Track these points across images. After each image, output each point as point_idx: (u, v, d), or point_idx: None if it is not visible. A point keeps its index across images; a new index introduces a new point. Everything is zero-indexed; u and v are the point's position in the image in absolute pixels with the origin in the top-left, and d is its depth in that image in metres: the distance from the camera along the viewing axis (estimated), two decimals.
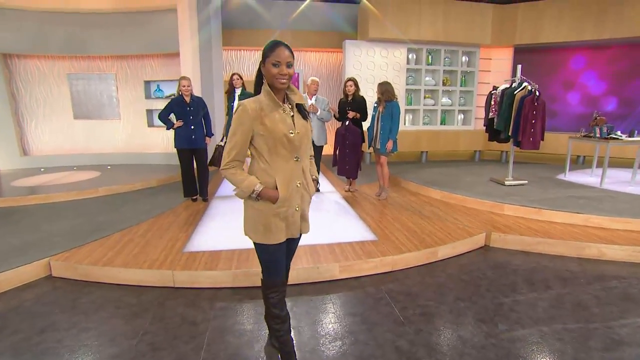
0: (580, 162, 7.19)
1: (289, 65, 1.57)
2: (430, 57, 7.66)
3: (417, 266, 3.12)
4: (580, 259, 3.29)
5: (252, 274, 2.79)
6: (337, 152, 4.94)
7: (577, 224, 3.77)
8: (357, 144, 4.80)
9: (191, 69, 6.03)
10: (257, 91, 1.65)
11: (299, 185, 1.68)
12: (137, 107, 7.03)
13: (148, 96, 6.96)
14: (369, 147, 4.89)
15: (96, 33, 6.39)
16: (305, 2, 7.59)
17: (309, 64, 8.61)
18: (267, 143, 1.59)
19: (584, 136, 5.46)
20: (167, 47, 6.35)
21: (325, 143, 5.04)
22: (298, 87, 5.07)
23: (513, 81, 4.87)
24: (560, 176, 5.65)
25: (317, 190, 1.77)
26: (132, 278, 2.84)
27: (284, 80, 1.57)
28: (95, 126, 7.06)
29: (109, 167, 6.75)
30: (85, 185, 5.35)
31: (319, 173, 5.38)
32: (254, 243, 1.71)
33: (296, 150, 1.65)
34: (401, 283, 2.85)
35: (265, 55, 1.57)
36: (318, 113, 4.76)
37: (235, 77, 4.96)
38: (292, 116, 1.65)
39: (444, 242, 3.33)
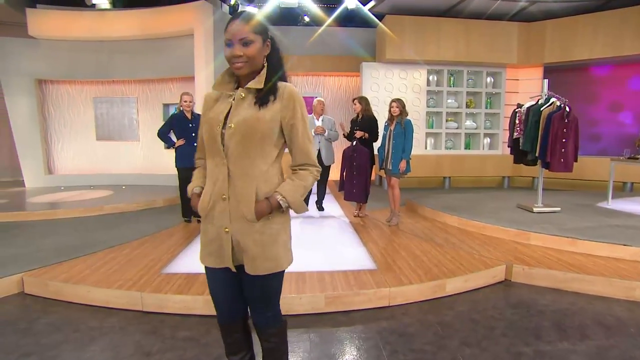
0: (628, 190, 6.36)
1: (246, 43, 1.19)
2: (452, 78, 7.33)
3: (420, 301, 2.65)
4: (628, 301, 2.67)
5: None
6: (344, 174, 4.63)
7: (624, 259, 3.14)
8: (365, 165, 4.48)
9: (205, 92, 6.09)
10: None
11: (224, 199, 1.25)
12: (155, 129, 7.16)
13: (166, 119, 7.10)
14: (380, 168, 4.55)
15: (120, 59, 6.72)
16: (322, 27, 7.64)
17: (328, 88, 8.55)
18: (204, 139, 1.33)
19: (629, 158, 4.79)
20: (185, 71, 6.51)
21: (333, 162, 4.84)
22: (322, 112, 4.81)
23: (540, 97, 4.42)
24: (602, 204, 4.94)
25: (281, 210, 1.30)
26: (99, 298, 2.61)
27: (239, 65, 1.21)
28: (116, 147, 7.27)
29: (124, 186, 6.84)
30: (93, 203, 5.38)
31: (325, 194, 5.09)
32: None
33: (221, 152, 1.24)
34: (397, 321, 2.41)
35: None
36: (326, 134, 4.64)
37: None
38: (233, 105, 1.26)
39: (454, 274, 2.85)
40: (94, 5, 6.70)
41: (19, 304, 2.66)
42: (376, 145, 4.67)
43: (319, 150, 4.67)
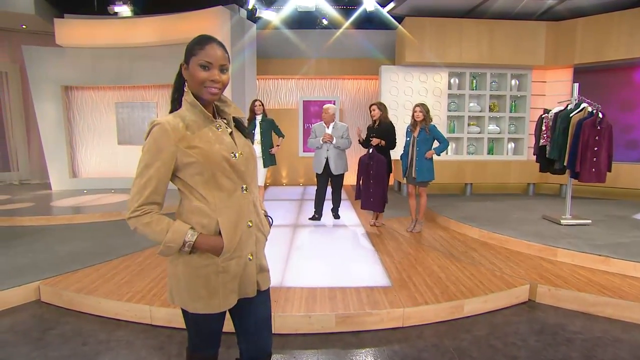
0: None
1: (224, 69, 1.18)
2: (474, 81, 7.06)
3: (436, 323, 2.52)
4: None
5: None
6: (361, 183, 4.51)
7: None
8: (382, 174, 4.34)
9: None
10: (176, 105, 1.25)
11: (250, 224, 1.24)
12: None
13: None
14: (404, 176, 4.41)
15: (141, 65, 6.85)
16: (340, 30, 7.53)
17: (346, 92, 8.43)
18: (203, 173, 1.16)
19: None
20: None
21: (346, 170, 4.72)
22: (334, 118, 4.69)
23: (569, 102, 4.15)
24: (639, 216, 4.60)
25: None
26: (110, 310, 2.62)
27: (216, 90, 1.18)
28: (136, 151, 7.35)
29: None
30: (111, 208, 5.49)
31: (340, 202, 4.98)
32: (186, 312, 1.24)
33: (242, 178, 1.22)
34: (410, 344, 2.28)
35: (190, 53, 1.17)
36: (334, 142, 4.53)
37: (257, 103, 4.88)
38: (231, 133, 1.26)
39: (472, 293, 2.69)
40: (116, 14, 6.86)
41: (35, 313, 2.70)
42: (395, 152, 4.54)
43: (327, 159, 4.57)
